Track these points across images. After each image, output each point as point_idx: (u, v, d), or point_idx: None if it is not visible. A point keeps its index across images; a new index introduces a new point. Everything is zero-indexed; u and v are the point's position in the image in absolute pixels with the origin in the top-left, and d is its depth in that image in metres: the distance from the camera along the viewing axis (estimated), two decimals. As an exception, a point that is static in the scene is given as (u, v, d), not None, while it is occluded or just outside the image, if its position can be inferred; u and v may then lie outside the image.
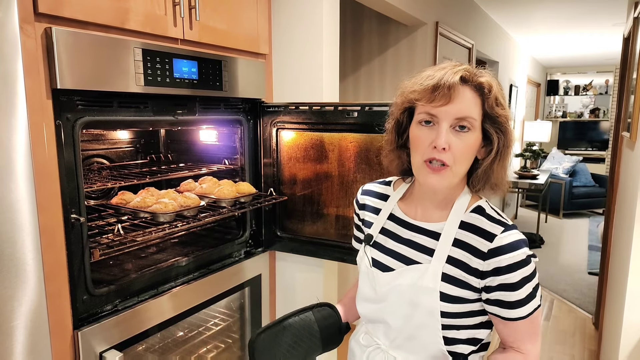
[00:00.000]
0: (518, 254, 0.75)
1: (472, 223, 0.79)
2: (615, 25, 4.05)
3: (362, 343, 0.91)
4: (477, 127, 0.76)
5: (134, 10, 1.10)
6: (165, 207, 1.24)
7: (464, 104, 0.74)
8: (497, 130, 0.77)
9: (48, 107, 0.97)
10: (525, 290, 0.76)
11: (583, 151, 7.27)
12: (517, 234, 0.77)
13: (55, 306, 1.00)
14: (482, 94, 0.75)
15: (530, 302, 0.78)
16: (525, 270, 0.76)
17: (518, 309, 0.77)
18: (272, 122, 1.56)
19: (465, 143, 0.75)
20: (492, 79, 0.78)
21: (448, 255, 0.78)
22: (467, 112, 0.74)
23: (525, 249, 0.77)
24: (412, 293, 0.80)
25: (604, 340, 2.35)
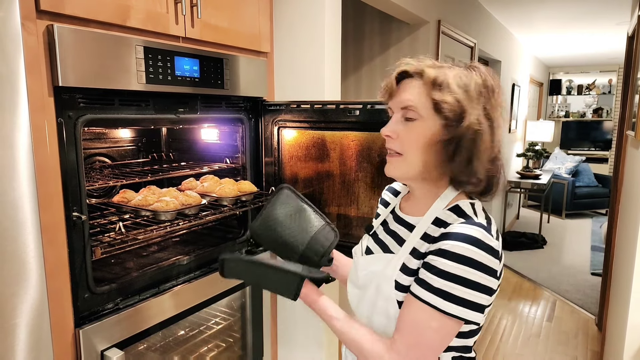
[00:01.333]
0: (460, 245, 0.69)
1: (443, 219, 0.77)
2: (618, 24, 4.03)
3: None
4: (427, 115, 0.75)
5: (136, 7, 1.10)
6: (167, 205, 1.24)
7: (407, 94, 0.77)
8: (442, 116, 0.74)
9: (50, 105, 0.97)
10: (442, 283, 0.70)
11: (586, 151, 7.24)
12: (473, 229, 0.71)
13: (57, 304, 1.00)
14: (425, 83, 0.76)
15: (435, 295, 0.70)
16: (457, 267, 0.69)
17: (420, 287, 0.72)
18: (274, 121, 1.55)
19: (412, 131, 0.76)
20: (452, 69, 0.76)
21: (413, 247, 0.78)
22: (407, 102, 0.76)
23: (473, 249, 0.69)
24: (378, 280, 0.81)
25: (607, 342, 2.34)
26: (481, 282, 0.70)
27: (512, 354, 2.71)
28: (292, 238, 0.96)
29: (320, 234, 0.97)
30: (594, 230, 5.41)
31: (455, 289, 0.70)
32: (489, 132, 0.75)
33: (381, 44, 2.70)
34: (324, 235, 0.97)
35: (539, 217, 5.09)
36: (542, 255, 4.53)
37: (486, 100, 0.75)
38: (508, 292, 3.63)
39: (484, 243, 0.70)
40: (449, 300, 0.70)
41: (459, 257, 0.70)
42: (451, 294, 0.70)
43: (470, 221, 0.74)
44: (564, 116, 7.51)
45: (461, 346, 0.80)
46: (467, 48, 3.20)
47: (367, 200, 1.46)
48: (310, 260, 0.95)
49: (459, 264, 0.69)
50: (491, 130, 0.75)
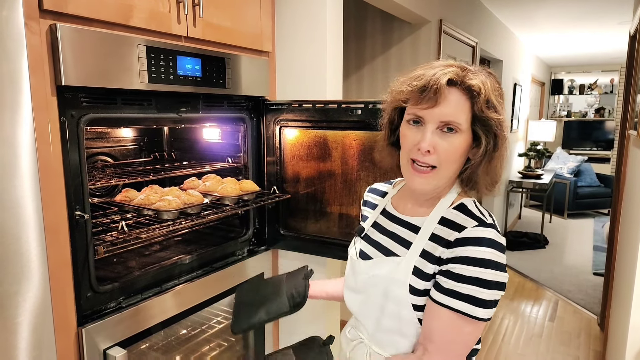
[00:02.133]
0: (482, 250, 0.71)
1: (449, 218, 0.78)
2: (621, 23, 4.02)
3: (348, 337, 0.93)
4: (465, 129, 0.74)
5: (138, 7, 1.10)
6: (169, 204, 1.24)
7: (451, 107, 0.73)
8: (486, 133, 0.75)
9: (53, 104, 0.97)
10: (470, 289, 0.71)
11: (588, 151, 7.22)
12: (490, 232, 0.73)
13: (60, 303, 1.00)
14: (471, 97, 0.73)
15: (466, 302, 0.72)
16: (483, 272, 0.71)
17: (449, 297, 0.72)
18: (276, 120, 1.55)
19: (452, 145, 0.74)
20: (487, 80, 0.75)
21: (422, 249, 0.78)
22: (452, 117, 0.74)
23: (493, 251, 0.71)
24: (386, 284, 0.80)
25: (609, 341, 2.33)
26: (500, 281, 0.73)
27: (514, 354, 2.70)
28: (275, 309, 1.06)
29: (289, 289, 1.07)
30: (596, 230, 5.40)
31: (483, 293, 0.71)
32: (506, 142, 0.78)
33: (383, 43, 2.70)
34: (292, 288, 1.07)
35: (541, 217, 5.08)
36: (544, 255, 4.52)
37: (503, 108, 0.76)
38: (510, 292, 3.63)
39: (499, 244, 0.73)
40: (478, 305, 0.72)
41: (483, 262, 0.71)
42: (480, 299, 0.71)
43: (483, 223, 0.75)
44: (566, 116, 7.50)
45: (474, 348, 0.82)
46: (469, 47, 3.20)
47: (369, 199, 1.46)
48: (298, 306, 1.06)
49: (484, 268, 0.71)
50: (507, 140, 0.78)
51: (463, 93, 0.73)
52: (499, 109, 0.75)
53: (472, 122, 0.74)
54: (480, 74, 0.76)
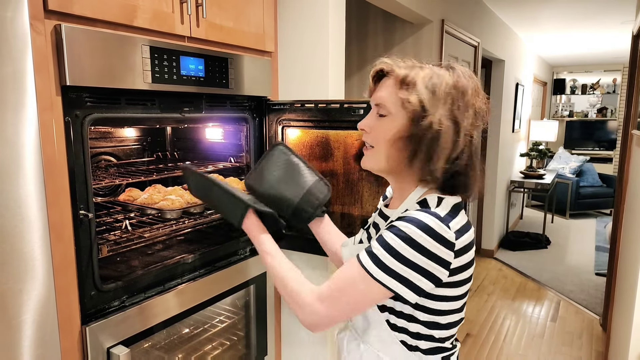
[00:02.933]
0: (409, 227, 0.74)
1: (408, 209, 0.82)
2: (623, 23, 4.01)
3: (340, 326, 0.98)
4: (396, 112, 0.80)
5: (142, 7, 1.11)
6: (173, 203, 1.25)
7: (381, 92, 0.82)
8: (408, 115, 0.78)
9: (57, 104, 0.97)
10: (375, 246, 0.76)
11: (590, 151, 7.21)
12: (424, 215, 0.75)
13: (64, 301, 1.01)
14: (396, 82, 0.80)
15: (367, 255, 0.76)
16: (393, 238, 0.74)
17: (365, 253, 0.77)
18: (278, 120, 1.56)
19: (382, 126, 0.82)
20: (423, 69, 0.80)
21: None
22: (379, 99, 0.82)
23: (415, 229, 0.73)
24: None
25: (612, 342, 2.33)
26: (419, 264, 0.74)
27: (516, 354, 2.70)
28: (287, 191, 1.00)
29: (314, 188, 1.01)
30: (598, 230, 5.39)
31: (391, 262, 0.74)
32: (452, 132, 0.77)
33: (385, 43, 2.70)
34: (317, 189, 1.02)
35: (542, 217, 5.07)
36: (546, 255, 4.51)
37: (454, 102, 0.77)
38: (512, 292, 3.63)
39: (431, 229, 0.74)
40: (381, 269, 0.75)
41: (403, 236, 0.74)
42: (385, 265, 0.75)
43: (426, 210, 0.77)
44: (568, 116, 7.48)
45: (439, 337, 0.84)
46: (471, 47, 3.19)
47: (370, 199, 1.47)
48: (304, 212, 1.00)
49: (401, 241, 0.74)
50: (455, 131, 0.78)
51: (394, 81, 0.81)
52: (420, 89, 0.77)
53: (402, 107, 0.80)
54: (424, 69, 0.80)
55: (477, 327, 3.03)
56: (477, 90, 0.81)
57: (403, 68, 0.81)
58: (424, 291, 0.77)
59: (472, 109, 0.79)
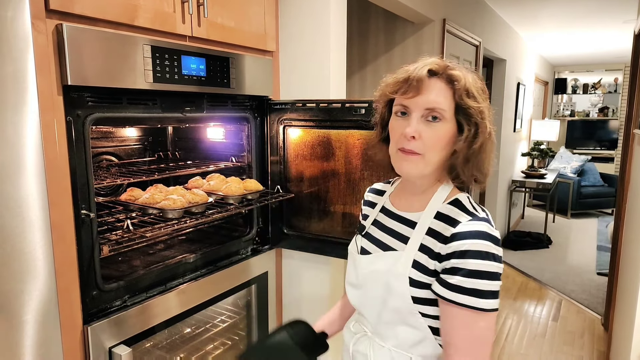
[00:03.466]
0: (478, 243, 0.74)
1: (445, 213, 0.81)
2: (626, 22, 4.00)
3: (352, 330, 0.95)
4: (449, 118, 0.78)
5: (143, 7, 1.11)
6: (174, 203, 1.25)
7: (433, 95, 0.78)
8: (468, 121, 0.78)
9: (59, 104, 0.97)
10: (473, 282, 0.73)
11: (591, 150, 7.19)
12: (483, 225, 0.76)
13: (66, 301, 1.01)
14: (452, 86, 0.78)
15: (472, 297, 0.73)
16: (482, 264, 0.73)
17: (455, 292, 0.74)
18: (279, 120, 1.56)
19: (436, 132, 0.78)
20: (467, 73, 0.80)
21: (420, 243, 0.81)
22: (435, 103, 0.78)
23: (489, 243, 0.74)
24: (386, 278, 0.83)
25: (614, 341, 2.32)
26: (498, 272, 0.75)
27: (517, 353, 2.70)
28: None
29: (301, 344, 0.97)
30: (600, 229, 5.38)
31: (486, 285, 0.74)
32: (493, 135, 0.80)
33: (386, 42, 2.70)
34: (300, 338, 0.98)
35: (544, 217, 5.06)
36: (548, 254, 4.51)
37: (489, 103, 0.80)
38: (513, 291, 3.62)
39: (493, 236, 0.76)
40: (484, 297, 0.74)
41: (480, 254, 0.74)
42: (484, 291, 0.74)
43: (476, 217, 0.78)
44: (570, 115, 7.47)
45: None
46: (472, 47, 3.19)
47: (372, 198, 1.46)
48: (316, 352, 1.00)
49: (482, 260, 0.74)
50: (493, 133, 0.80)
51: (444, 82, 0.78)
52: (479, 99, 0.78)
53: (455, 112, 0.79)
54: (462, 68, 0.80)
55: (478, 326, 3.02)
56: None
57: (454, 70, 0.79)
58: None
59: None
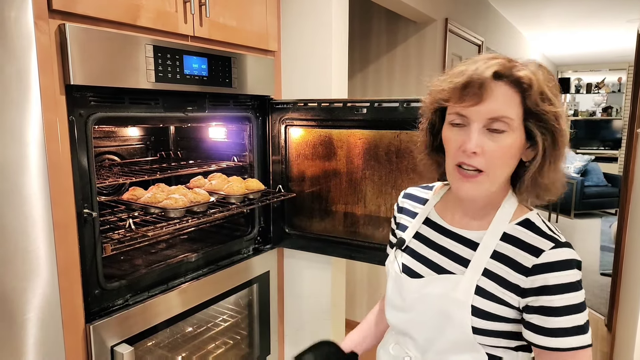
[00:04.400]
0: (569, 274, 0.65)
1: (516, 236, 0.70)
2: (629, 21, 3.98)
3: (391, 353, 0.84)
4: (517, 127, 0.66)
5: (145, 7, 1.11)
6: (176, 202, 1.25)
7: (498, 103, 0.65)
8: (543, 129, 0.67)
9: (62, 103, 0.98)
10: (571, 320, 0.66)
11: (595, 150, 7.16)
12: (570, 252, 0.67)
13: (68, 299, 1.02)
14: (521, 90, 0.66)
15: (576, 336, 0.66)
16: (574, 296, 0.66)
17: (560, 337, 0.66)
18: (281, 119, 1.56)
19: (501, 145, 0.66)
20: (537, 71, 0.67)
21: (484, 268, 0.71)
22: (501, 112, 0.65)
23: (577, 271, 0.67)
24: (443, 304, 0.73)
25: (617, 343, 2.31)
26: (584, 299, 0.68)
27: (520, 354, 2.69)
28: None
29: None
30: (604, 230, 5.36)
31: (583, 317, 0.67)
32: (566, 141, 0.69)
33: (388, 42, 2.70)
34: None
35: (547, 217, 5.04)
36: (551, 255, 4.49)
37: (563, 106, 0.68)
38: (516, 292, 3.61)
39: (579, 262, 0.68)
40: (582, 333, 0.67)
41: (571, 286, 0.66)
42: (581, 326, 0.67)
43: (559, 243, 0.68)
44: (573, 115, 7.44)
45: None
46: (475, 46, 3.18)
47: (374, 198, 1.46)
48: None
49: (573, 292, 0.66)
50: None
51: (511, 86, 0.66)
52: (554, 101, 0.66)
53: (524, 119, 0.67)
54: (530, 64, 0.68)
55: (480, 327, 3.01)
56: None
57: (523, 71, 0.66)
58: None
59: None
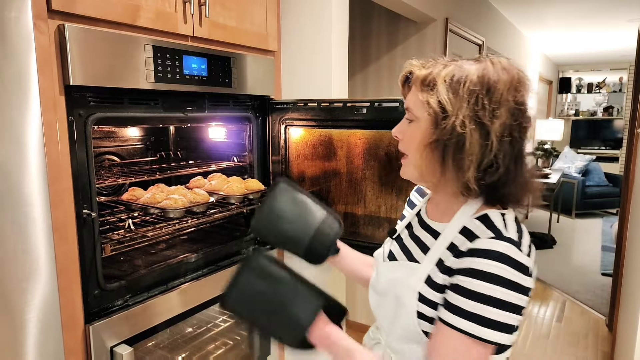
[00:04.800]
0: (496, 265, 0.64)
1: (470, 228, 0.72)
2: (630, 21, 3.97)
3: (370, 336, 0.91)
4: (422, 116, 0.73)
5: (145, 7, 1.11)
6: (176, 203, 1.25)
7: (409, 96, 0.77)
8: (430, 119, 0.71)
9: (61, 104, 0.98)
10: (482, 309, 0.64)
11: (596, 150, 7.15)
12: (503, 245, 0.66)
13: (68, 300, 1.01)
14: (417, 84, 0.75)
15: (477, 324, 0.65)
16: (499, 290, 0.64)
17: (457, 316, 0.66)
18: (281, 119, 1.56)
19: (410, 132, 0.77)
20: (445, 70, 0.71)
21: (439, 258, 0.73)
22: (408, 104, 0.77)
23: (504, 266, 0.65)
24: (398, 289, 0.77)
25: (618, 342, 2.31)
26: (513, 302, 0.65)
27: (521, 354, 2.69)
28: (296, 232, 0.92)
29: (324, 225, 0.93)
30: (605, 230, 5.34)
31: (490, 312, 0.65)
32: (479, 136, 0.68)
33: (388, 42, 2.69)
34: (328, 226, 0.93)
35: (548, 217, 5.03)
36: (552, 255, 4.48)
37: (478, 100, 0.68)
38: (516, 292, 3.60)
39: (514, 260, 0.66)
40: (484, 325, 0.65)
41: (491, 277, 0.65)
42: (486, 318, 0.65)
43: (499, 236, 0.68)
44: (574, 115, 7.42)
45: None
46: (475, 46, 3.18)
47: (374, 198, 1.46)
48: (316, 252, 0.93)
49: (491, 284, 0.65)
50: (482, 134, 0.68)
51: (417, 83, 0.75)
52: (442, 94, 0.69)
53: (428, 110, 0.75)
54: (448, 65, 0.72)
55: (481, 327, 3.01)
56: (516, 83, 0.69)
57: (425, 68, 0.74)
58: (515, 328, 0.68)
59: (507, 107, 0.68)
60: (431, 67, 0.74)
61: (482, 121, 0.68)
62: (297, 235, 0.92)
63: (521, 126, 0.70)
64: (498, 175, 0.69)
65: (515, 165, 0.71)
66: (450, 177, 0.72)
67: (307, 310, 0.78)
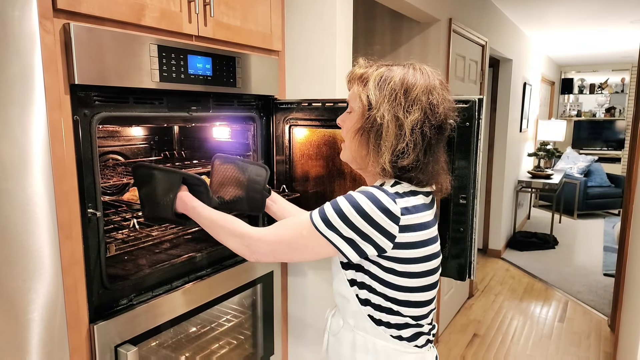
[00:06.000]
0: (357, 194, 0.84)
1: None
2: (633, 22, 3.96)
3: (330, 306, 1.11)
4: (356, 108, 0.90)
5: (150, 6, 1.11)
6: (180, 202, 1.25)
7: (350, 91, 0.94)
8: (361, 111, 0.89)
9: (66, 103, 0.98)
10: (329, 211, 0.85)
11: (598, 151, 7.14)
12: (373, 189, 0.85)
13: (72, 300, 1.01)
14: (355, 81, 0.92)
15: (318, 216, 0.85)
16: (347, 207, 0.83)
17: (316, 209, 0.88)
18: (285, 119, 1.55)
19: (347, 121, 0.93)
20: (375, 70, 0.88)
21: None
22: (348, 97, 0.94)
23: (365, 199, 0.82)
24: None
25: (620, 343, 2.30)
26: (363, 230, 0.83)
27: (523, 354, 2.68)
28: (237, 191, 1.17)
29: (253, 174, 1.18)
30: (607, 230, 5.34)
31: (334, 219, 0.84)
32: (394, 127, 0.84)
33: (392, 42, 2.69)
34: (256, 174, 1.18)
35: (550, 217, 5.03)
36: (554, 255, 4.48)
37: (396, 98, 0.84)
38: (519, 292, 3.60)
39: (377, 200, 0.83)
40: (324, 223, 0.84)
41: (350, 199, 0.84)
42: (328, 220, 0.84)
43: (378, 186, 0.87)
44: (576, 115, 7.41)
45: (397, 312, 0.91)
46: (478, 47, 3.17)
47: (378, 198, 1.46)
48: (254, 199, 1.18)
49: (347, 203, 0.83)
50: (397, 125, 0.84)
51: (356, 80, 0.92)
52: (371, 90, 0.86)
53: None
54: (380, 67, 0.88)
55: (484, 327, 3.01)
56: (431, 87, 0.85)
57: (364, 68, 0.90)
58: (366, 254, 0.85)
59: (420, 105, 0.84)
60: (369, 67, 0.90)
61: (397, 115, 0.84)
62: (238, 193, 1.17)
63: (431, 124, 0.85)
64: (408, 160, 0.85)
65: (425, 155, 0.86)
66: (372, 160, 0.88)
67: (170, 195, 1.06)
